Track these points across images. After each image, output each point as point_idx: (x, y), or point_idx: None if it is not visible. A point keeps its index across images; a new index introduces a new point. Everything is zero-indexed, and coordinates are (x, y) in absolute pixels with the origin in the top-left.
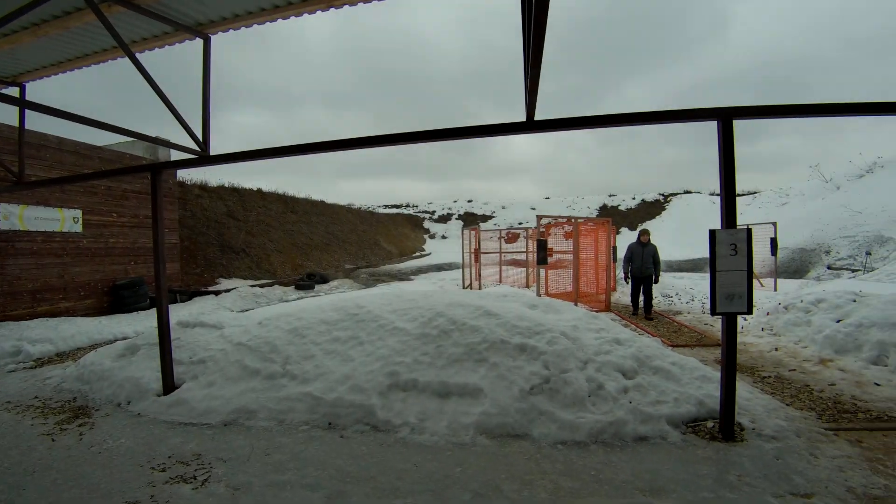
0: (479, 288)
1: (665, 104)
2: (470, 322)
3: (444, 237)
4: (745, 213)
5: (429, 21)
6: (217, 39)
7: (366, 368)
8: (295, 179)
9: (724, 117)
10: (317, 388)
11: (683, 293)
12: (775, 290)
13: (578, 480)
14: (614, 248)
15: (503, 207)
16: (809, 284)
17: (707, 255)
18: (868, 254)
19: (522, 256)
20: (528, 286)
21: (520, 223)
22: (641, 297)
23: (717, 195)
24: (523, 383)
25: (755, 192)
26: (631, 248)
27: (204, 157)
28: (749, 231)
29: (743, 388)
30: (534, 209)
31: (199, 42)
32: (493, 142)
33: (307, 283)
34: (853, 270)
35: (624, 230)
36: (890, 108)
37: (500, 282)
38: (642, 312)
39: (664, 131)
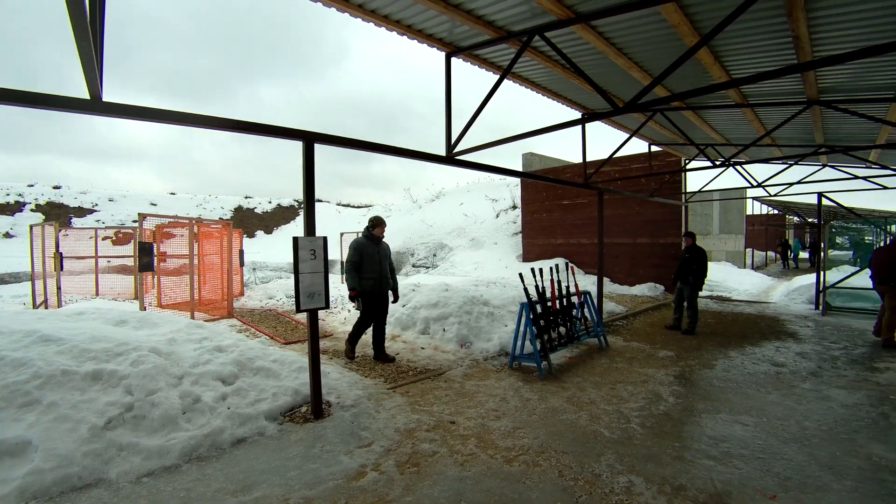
0: (59, 305)
1: (295, 113)
2: (12, 355)
3: (8, 235)
4: (362, 223)
5: None
6: None
7: None
8: None
9: (308, 139)
10: None
11: None
12: None
13: None
14: (241, 252)
15: (111, 200)
16: (399, 280)
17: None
18: (434, 255)
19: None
20: (137, 297)
21: (134, 221)
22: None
23: (344, 205)
24: (96, 419)
25: (370, 206)
26: (360, 248)
27: None
28: (325, 238)
29: (335, 370)
30: (155, 205)
31: None
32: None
33: None
34: (426, 267)
35: (259, 234)
36: (421, 156)
37: (98, 295)
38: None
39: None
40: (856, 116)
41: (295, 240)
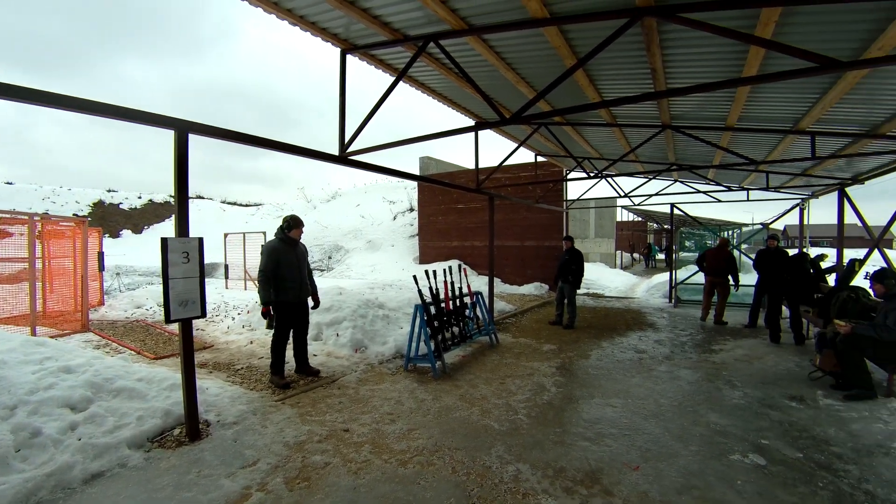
0: None
1: (175, 97)
2: None
3: None
4: (250, 223)
5: None
6: None
7: None
8: None
9: (181, 129)
10: None
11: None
12: None
13: None
14: (101, 255)
15: None
16: None
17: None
18: (329, 258)
19: None
20: None
21: None
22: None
23: (229, 203)
24: None
25: (259, 204)
26: (276, 253)
27: None
28: (200, 239)
29: (215, 385)
30: None
31: None
32: None
33: None
34: (321, 270)
35: (126, 233)
36: (312, 154)
37: None
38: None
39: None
40: (698, 141)
41: (164, 241)
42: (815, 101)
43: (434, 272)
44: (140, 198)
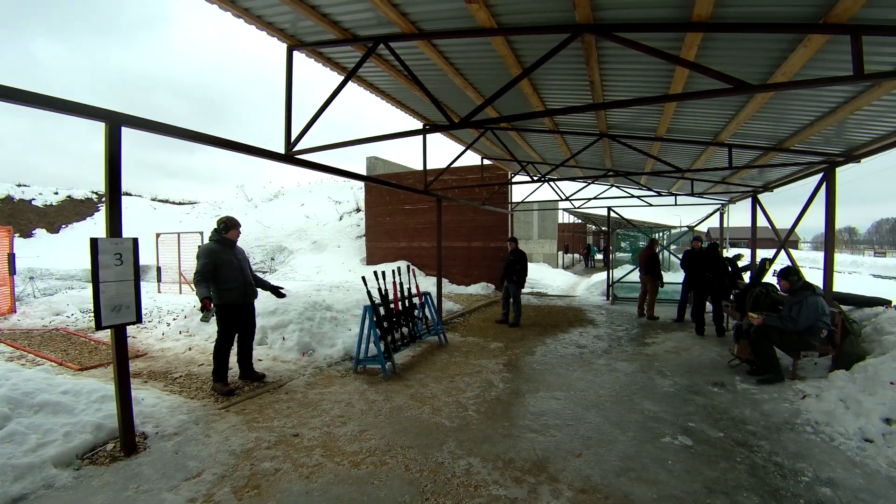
0: None
1: (92, 83)
2: None
3: None
4: (185, 222)
5: None
6: None
7: None
8: None
9: (114, 122)
10: None
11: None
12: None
13: None
14: (11, 256)
15: None
16: None
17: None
18: (273, 259)
19: None
20: None
21: None
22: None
23: (161, 201)
24: None
25: (194, 202)
26: (213, 255)
27: None
28: (135, 240)
29: (151, 395)
30: None
31: None
32: None
33: None
34: (263, 272)
35: (40, 232)
36: (257, 152)
37: None
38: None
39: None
40: (631, 149)
41: (93, 241)
42: (731, 117)
43: (383, 273)
44: (57, 193)
